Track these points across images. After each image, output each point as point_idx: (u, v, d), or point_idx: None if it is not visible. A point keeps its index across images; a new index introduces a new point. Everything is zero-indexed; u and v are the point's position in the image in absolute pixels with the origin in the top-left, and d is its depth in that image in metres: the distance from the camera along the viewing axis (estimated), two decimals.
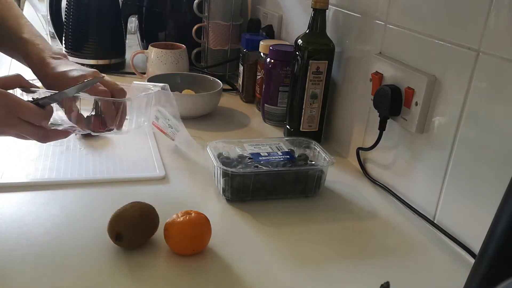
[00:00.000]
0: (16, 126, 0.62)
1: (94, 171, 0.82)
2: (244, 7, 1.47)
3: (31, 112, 0.62)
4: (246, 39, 1.21)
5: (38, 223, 0.68)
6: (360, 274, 0.64)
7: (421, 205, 0.78)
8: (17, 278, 0.57)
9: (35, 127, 0.64)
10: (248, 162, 0.79)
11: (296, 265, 0.64)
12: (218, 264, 0.63)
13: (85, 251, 0.63)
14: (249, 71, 1.21)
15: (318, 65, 0.94)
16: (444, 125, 0.72)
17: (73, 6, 1.33)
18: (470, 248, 0.67)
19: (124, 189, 0.79)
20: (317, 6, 0.93)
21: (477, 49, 0.65)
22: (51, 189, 0.76)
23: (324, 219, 0.76)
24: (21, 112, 0.61)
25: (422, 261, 0.68)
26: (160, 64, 1.25)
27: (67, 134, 0.71)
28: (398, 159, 0.83)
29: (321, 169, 0.80)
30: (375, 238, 0.72)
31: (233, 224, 0.73)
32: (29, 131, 0.64)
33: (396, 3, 0.81)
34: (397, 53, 0.82)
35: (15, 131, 0.63)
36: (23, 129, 0.63)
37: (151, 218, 0.65)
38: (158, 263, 0.62)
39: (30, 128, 0.63)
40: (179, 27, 1.43)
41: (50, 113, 0.66)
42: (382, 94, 0.80)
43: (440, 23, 0.72)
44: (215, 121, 1.11)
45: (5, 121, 0.61)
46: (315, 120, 0.99)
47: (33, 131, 0.64)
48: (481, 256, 0.43)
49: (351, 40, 0.96)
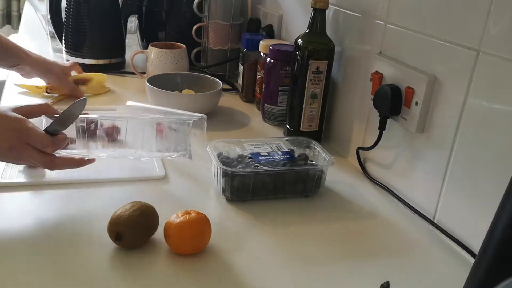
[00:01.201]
0: (25, 151, 0.64)
1: (94, 171, 0.82)
2: (244, 6, 1.47)
3: (38, 138, 0.64)
4: (246, 39, 1.21)
5: (38, 223, 0.68)
6: (360, 274, 0.64)
7: (421, 205, 0.78)
8: (17, 278, 0.57)
9: (41, 154, 0.65)
10: (248, 161, 0.79)
11: (296, 264, 0.65)
12: (218, 264, 0.63)
13: (85, 251, 0.63)
14: (249, 71, 1.21)
15: (318, 64, 0.94)
16: (444, 124, 0.72)
17: (73, 5, 1.33)
18: (470, 247, 0.67)
19: (124, 189, 0.79)
20: (317, 5, 0.93)
21: (477, 49, 0.65)
22: (51, 189, 0.76)
23: (324, 218, 0.76)
24: (30, 138, 0.63)
25: (422, 261, 0.68)
26: (160, 64, 1.25)
27: (77, 163, 0.71)
28: (398, 158, 0.83)
29: (321, 168, 0.80)
30: (375, 237, 0.72)
31: (233, 224, 0.73)
32: (36, 157, 0.65)
33: (396, 3, 0.81)
34: (397, 52, 0.82)
35: (24, 157, 0.65)
36: (30, 155, 0.64)
37: (151, 218, 0.65)
38: (158, 263, 0.62)
39: (37, 154, 0.65)
40: (179, 27, 1.43)
41: (60, 140, 0.67)
42: (382, 94, 0.80)
43: (440, 22, 0.72)
44: (215, 121, 1.11)
45: (15, 146, 0.63)
46: (315, 120, 0.99)
47: (39, 157, 0.65)
48: (481, 255, 0.43)
49: (351, 40, 0.96)
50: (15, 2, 3.00)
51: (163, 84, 1.09)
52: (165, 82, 1.12)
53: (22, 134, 0.63)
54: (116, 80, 1.31)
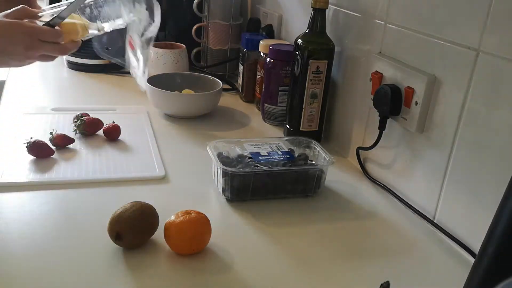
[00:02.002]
0: (40, 48, 0.72)
1: (94, 171, 0.82)
2: (244, 6, 1.47)
3: (48, 33, 0.73)
4: (246, 39, 1.21)
5: (38, 223, 0.68)
6: (360, 273, 0.64)
7: (421, 205, 0.78)
8: (17, 278, 0.57)
9: (53, 44, 0.74)
10: (248, 161, 0.79)
11: (296, 264, 0.65)
12: (218, 264, 0.63)
13: (85, 251, 0.63)
14: (249, 71, 1.21)
15: (318, 64, 0.94)
16: (444, 124, 0.72)
17: None
18: (470, 247, 0.67)
19: (124, 189, 0.79)
20: (317, 5, 0.93)
21: (477, 48, 0.65)
22: (51, 189, 0.76)
23: (324, 218, 0.76)
24: (41, 34, 0.71)
25: (422, 261, 0.68)
26: (160, 64, 1.25)
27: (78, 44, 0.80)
28: (398, 158, 0.83)
29: (321, 168, 0.80)
30: (375, 237, 0.72)
31: (233, 223, 0.73)
32: (52, 49, 0.74)
33: (396, 3, 0.81)
34: (397, 52, 0.82)
35: (40, 52, 0.73)
36: (47, 49, 0.73)
37: (151, 218, 0.65)
38: (158, 263, 0.62)
39: (51, 46, 0.74)
40: (179, 27, 1.43)
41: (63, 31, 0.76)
42: (382, 94, 0.80)
43: (440, 22, 0.72)
44: (215, 120, 1.11)
45: (31, 45, 0.71)
46: (315, 120, 0.99)
47: (53, 48, 0.74)
48: (481, 255, 0.43)
49: (351, 40, 0.96)
50: None
51: (163, 84, 1.09)
52: (165, 82, 1.12)
53: (32, 33, 0.71)
54: (116, 80, 1.31)
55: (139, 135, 0.98)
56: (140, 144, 0.94)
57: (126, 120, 1.03)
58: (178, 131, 1.03)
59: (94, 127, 0.96)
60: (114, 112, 1.09)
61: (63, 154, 0.87)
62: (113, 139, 0.95)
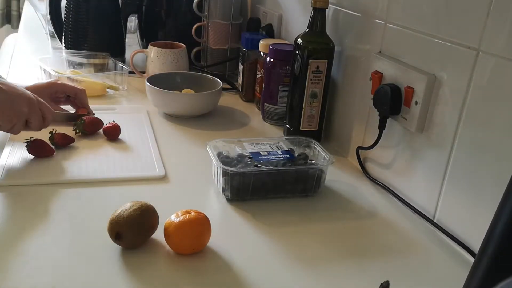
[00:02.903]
0: (35, 113, 0.83)
1: (94, 171, 0.82)
2: (244, 6, 1.47)
3: (46, 107, 0.86)
4: (245, 38, 1.21)
5: (38, 223, 0.68)
6: (360, 273, 0.64)
7: (421, 204, 0.78)
8: (17, 278, 0.57)
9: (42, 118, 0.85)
10: (248, 161, 0.79)
11: (296, 264, 0.65)
12: (218, 264, 0.63)
13: (85, 250, 0.63)
14: (248, 70, 1.21)
15: (318, 64, 0.94)
16: (444, 124, 0.72)
17: (73, 5, 1.33)
18: (470, 247, 0.67)
19: (124, 189, 0.79)
20: (317, 5, 0.93)
21: (477, 48, 0.65)
22: (51, 189, 0.76)
23: (324, 218, 0.76)
24: (42, 105, 0.85)
25: (422, 260, 0.68)
26: (159, 63, 1.25)
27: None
28: (398, 158, 0.83)
29: (321, 168, 0.80)
30: (375, 237, 0.72)
31: (233, 223, 0.73)
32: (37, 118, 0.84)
33: (396, 2, 0.81)
34: (397, 52, 0.82)
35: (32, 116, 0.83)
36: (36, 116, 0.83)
37: (151, 218, 0.65)
38: (158, 263, 0.62)
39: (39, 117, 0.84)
40: (179, 26, 1.43)
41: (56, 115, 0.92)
42: (382, 93, 0.80)
43: (440, 22, 0.72)
44: (214, 120, 1.11)
45: (32, 108, 0.83)
46: (315, 119, 0.99)
47: (39, 120, 0.84)
48: (481, 255, 0.43)
49: (351, 39, 0.96)
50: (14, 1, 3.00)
51: (163, 83, 1.09)
52: (165, 82, 1.12)
53: (38, 102, 0.84)
54: None
55: (139, 135, 0.98)
56: (140, 143, 0.94)
57: (126, 120, 1.03)
58: (178, 130, 1.03)
59: (94, 126, 0.96)
60: (114, 112, 1.09)
61: (63, 153, 0.87)
62: (113, 139, 0.95)
